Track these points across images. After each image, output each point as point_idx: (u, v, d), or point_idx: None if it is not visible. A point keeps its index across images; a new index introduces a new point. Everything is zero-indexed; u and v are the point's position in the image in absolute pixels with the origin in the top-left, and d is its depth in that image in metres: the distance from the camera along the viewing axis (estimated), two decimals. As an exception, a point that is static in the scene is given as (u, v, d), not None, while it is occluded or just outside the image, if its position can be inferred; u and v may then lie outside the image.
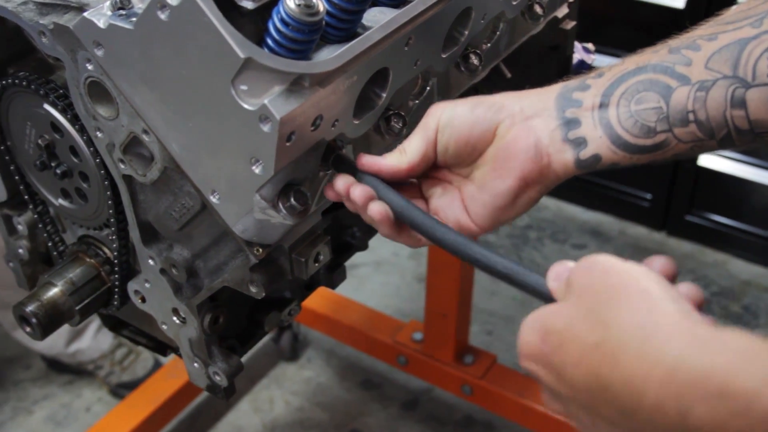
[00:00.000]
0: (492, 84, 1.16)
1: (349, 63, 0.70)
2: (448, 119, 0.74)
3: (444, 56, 0.86)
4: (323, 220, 0.93)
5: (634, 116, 0.72)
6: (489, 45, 0.97)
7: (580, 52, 1.30)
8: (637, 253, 2.57)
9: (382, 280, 2.49)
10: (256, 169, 0.70)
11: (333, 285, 1.09)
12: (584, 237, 2.64)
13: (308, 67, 0.67)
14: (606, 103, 0.73)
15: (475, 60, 0.91)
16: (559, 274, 0.61)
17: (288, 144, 0.68)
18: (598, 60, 1.34)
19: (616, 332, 0.52)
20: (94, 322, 2.13)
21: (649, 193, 2.60)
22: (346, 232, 1.11)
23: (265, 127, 0.66)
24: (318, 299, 2.16)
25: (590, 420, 0.55)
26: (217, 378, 0.93)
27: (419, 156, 0.74)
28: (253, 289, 0.82)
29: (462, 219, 0.76)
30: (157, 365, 2.18)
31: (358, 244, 1.12)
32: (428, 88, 0.89)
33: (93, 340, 2.14)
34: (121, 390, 2.13)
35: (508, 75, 1.10)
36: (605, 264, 0.55)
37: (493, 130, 0.74)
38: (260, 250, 0.78)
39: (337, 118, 0.73)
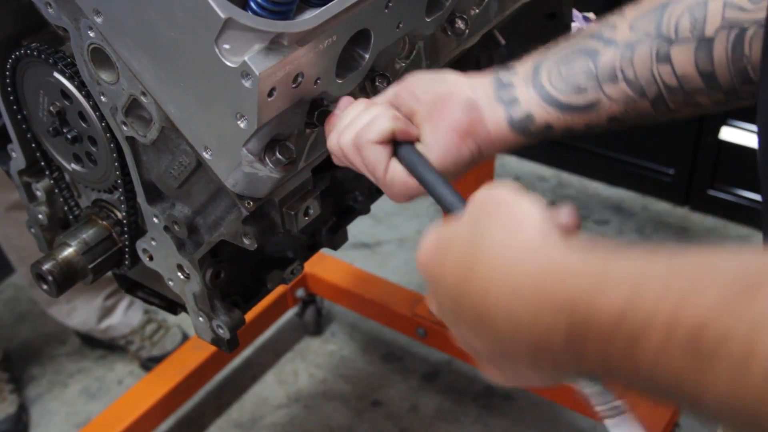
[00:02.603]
0: (488, 51, 1.19)
1: (327, 23, 0.75)
2: (402, 85, 0.77)
3: (428, 20, 0.90)
4: (322, 180, 0.98)
5: (564, 77, 0.76)
6: (478, 11, 1.00)
7: (580, 21, 1.32)
8: (660, 228, 2.58)
9: (405, 256, 2.54)
10: (242, 124, 0.75)
11: (335, 246, 1.14)
12: (607, 213, 2.66)
13: (286, 26, 0.72)
14: (539, 69, 0.77)
15: (461, 24, 0.95)
16: None
17: (270, 99, 0.73)
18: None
19: (483, 246, 0.55)
20: (125, 300, 2.21)
21: (672, 168, 2.60)
22: (348, 197, 1.16)
23: (247, 83, 0.71)
24: (342, 275, 2.21)
25: (458, 328, 0.58)
26: (221, 331, 0.99)
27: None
28: (246, 241, 0.87)
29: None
30: (185, 339, 2.25)
31: (360, 207, 1.16)
32: (415, 51, 0.93)
33: (123, 316, 2.22)
34: (151, 363, 2.20)
35: (502, 42, 1.14)
36: (499, 191, 0.58)
37: (432, 94, 0.76)
38: (251, 203, 0.83)
39: (319, 77, 0.78)
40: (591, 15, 1.37)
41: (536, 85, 0.76)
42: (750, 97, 0.75)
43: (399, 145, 0.73)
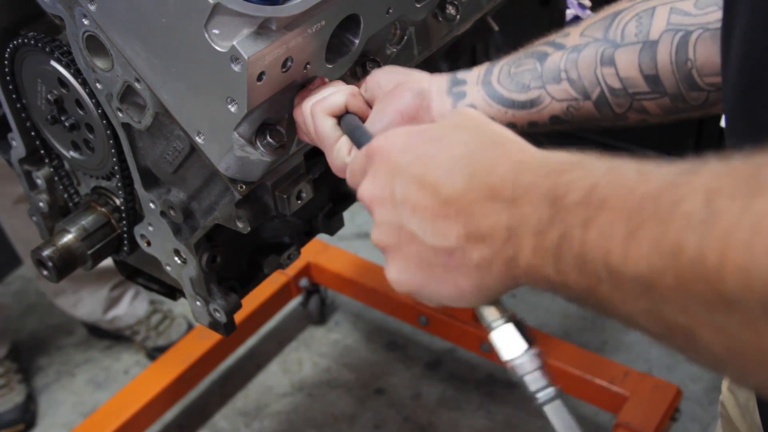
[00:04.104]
0: (483, 38, 1.20)
1: (315, 8, 0.76)
2: (372, 74, 0.81)
3: (418, 5, 0.91)
4: (316, 165, 0.99)
5: (511, 76, 0.79)
6: (469, -4, 1.01)
7: (574, 8, 1.33)
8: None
9: (408, 246, 2.55)
10: (232, 108, 0.76)
11: (331, 232, 1.15)
12: (610, 202, 2.66)
13: (274, 11, 0.73)
14: (491, 69, 0.81)
15: (452, 10, 0.96)
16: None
17: (259, 83, 0.74)
18: (595, 16, 1.37)
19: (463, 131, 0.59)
20: (130, 291, 2.23)
21: (674, 156, 2.60)
22: (344, 183, 1.17)
23: (236, 67, 0.72)
24: (345, 265, 2.23)
25: (407, 190, 0.57)
26: (218, 315, 1.00)
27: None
28: (239, 225, 0.89)
29: None
30: (190, 329, 2.27)
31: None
32: (406, 36, 0.94)
33: (129, 307, 2.24)
34: (156, 353, 2.22)
35: (496, 28, 1.15)
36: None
37: (394, 82, 0.79)
38: (243, 186, 0.85)
39: (309, 61, 0.79)
40: (586, 1, 1.38)
41: (485, 83, 0.80)
42: (700, 107, 0.76)
43: (344, 115, 0.76)
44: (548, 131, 0.81)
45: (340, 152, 0.75)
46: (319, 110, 0.76)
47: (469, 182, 0.54)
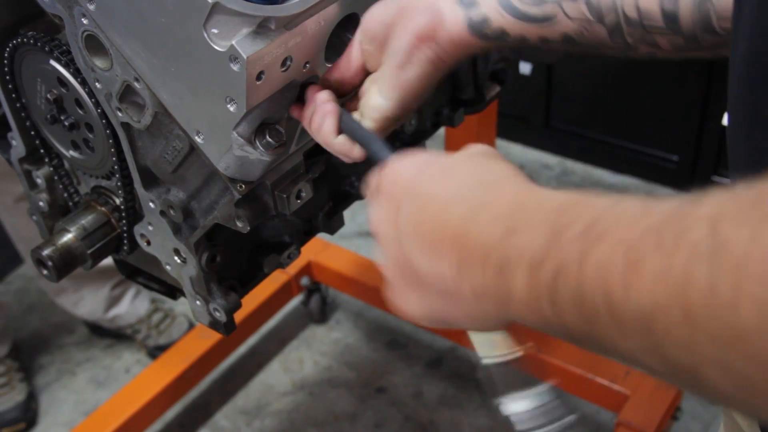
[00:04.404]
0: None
1: (314, 7, 0.76)
2: (363, 22, 0.78)
3: (418, 4, 0.91)
4: (316, 164, 0.99)
5: None
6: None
7: None
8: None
9: (409, 245, 2.54)
10: (231, 108, 0.76)
11: (331, 231, 1.15)
12: (611, 200, 2.66)
13: (274, 11, 0.73)
14: None
15: (451, 9, 0.96)
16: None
17: (258, 83, 0.74)
18: None
19: (468, 176, 0.58)
20: (131, 290, 2.23)
21: (676, 155, 2.60)
22: (344, 182, 1.17)
23: (235, 67, 0.72)
24: (347, 263, 2.23)
25: (411, 242, 0.57)
26: (217, 314, 1.00)
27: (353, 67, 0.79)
28: (239, 224, 0.88)
29: (374, 100, 0.77)
30: (191, 328, 2.27)
31: (357, 193, 1.17)
32: (406, 35, 0.94)
33: (130, 305, 2.24)
34: (158, 352, 2.22)
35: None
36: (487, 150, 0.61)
37: (397, 9, 0.76)
38: (243, 186, 0.85)
39: (308, 61, 0.79)
40: None
41: None
42: (711, 48, 0.74)
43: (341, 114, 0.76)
44: (558, 50, 0.78)
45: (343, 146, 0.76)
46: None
47: (468, 211, 0.54)
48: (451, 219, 0.54)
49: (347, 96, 0.81)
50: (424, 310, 0.59)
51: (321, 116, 0.76)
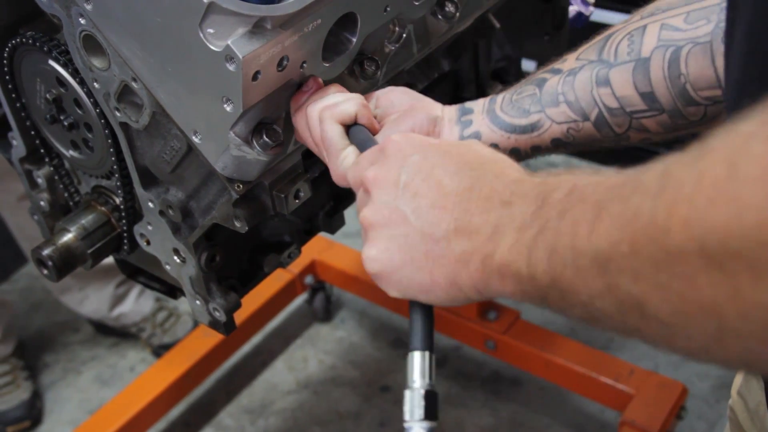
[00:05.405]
0: (483, 35, 1.20)
1: (310, 6, 0.75)
2: (381, 98, 0.83)
3: (417, 3, 0.91)
4: (315, 164, 0.99)
5: (513, 103, 0.82)
6: (469, -6, 1.01)
7: (577, 4, 1.32)
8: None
9: (414, 244, 2.54)
10: (228, 108, 0.76)
11: (331, 230, 1.15)
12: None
13: (269, 10, 0.73)
14: (495, 99, 0.84)
15: (451, 8, 0.95)
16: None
17: (255, 83, 0.74)
18: (597, 15, 1.36)
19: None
20: (136, 288, 2.24)
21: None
22: (345, 181, 1.17)
23: (231, 67, 0.72)
24: (351, 262, 2.23)
25: (412, 181, 0.62)
26: (217, 314, 1.00)
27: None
28: (237, 224, 0.88)
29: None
30: (195, 326, 2.27)
31: (357, 192, 1.17)
32: (404, 34, 0.93)
33: (135, 304, 2.25)
34: (162, 351, 2.23)
35: (497, 25, 1.14)
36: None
37: (407, 105, 0.82)
38: (240, 186, 0.84)
39: (305, 60, 0.79)
40: (590, -2, 1.36)
41: (489, 111, 0.83)
42: (701, 121, 0.77)
43: (353, 126, 0.76)
44: (551, 153, 0.85)
45: (346, 160, 0.75)
46: (329, 116, 0.76)
47: (472, 184, 0.59)
48: (454, 188, 0.59)
49: None
50: (394, 262, 0.61)
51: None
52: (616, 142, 0.81)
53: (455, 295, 0.59)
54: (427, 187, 0.60)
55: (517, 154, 0.83)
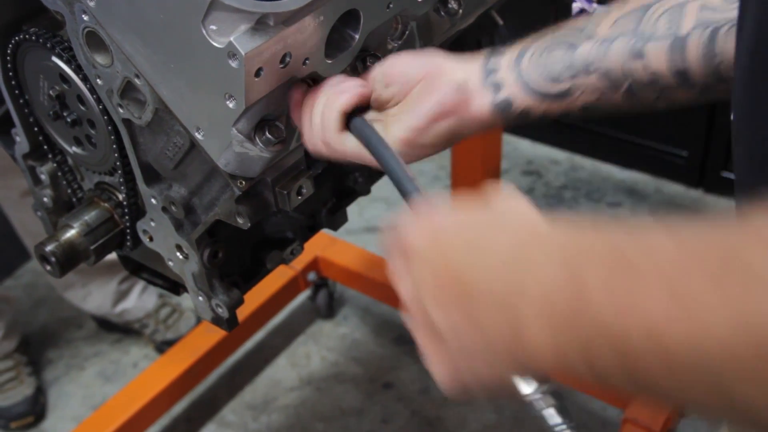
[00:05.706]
0: (488, 32, 1.20)
1: (313, 3, 0.75)
2: (385, 66, 0.80)
3: (419, 0, 0.91)
4: (318, 161, 0.99)
5: (542, 65, 0.79)
6: (472, -10, 1.00)
7: (581, 1, 1.32)
8: (673, 210, 2.57)
9: (417, 240, 2.54)
10: (231, 104, 0.76)
11: (335, 227, 1.15)
12: (620, 195, 2.65)
13: (272, 7, 0.73)
14: (522, 56, 0.80)
15: (454, 4, 0.95)
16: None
17: (257, 79, 0.74)
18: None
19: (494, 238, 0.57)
20: (139, 284, 2.24)
21: (685, 150, 2.59)
22: (348, 178, 1.17)
23: (234, 63, 0.72)
24: (354, 258, 2.23)
25: (444, 305, 0.56)
26: (220, 310, 1.00)
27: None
28: (240, 221, 0.88)
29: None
30: (198, 323, 2.27)
31: (360, 189, 1.17)
32: (407, 31, 0.93)
33: (138, 300, 2.25)
34: (165, 347, 2.23)
35: (500, 22, 1.14)
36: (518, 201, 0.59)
37: (423, 73, 0.79)
38: (243, 182, 0.85)
39: (308, 57, 0.79)
40: (593, -6, 1.36)
41: (517, 72, 0.80)
42: (727, 94, 0.76)
43: (353, 116, 0.76)
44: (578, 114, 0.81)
45: (346, 145, 0.77)
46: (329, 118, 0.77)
47: (506, 288, 0.53)
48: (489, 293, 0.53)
49: None
50: (449, 373, 0.57)
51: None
52: (642, 110, 0.80)
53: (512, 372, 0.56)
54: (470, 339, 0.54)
55: (547, 116, 0.81)
